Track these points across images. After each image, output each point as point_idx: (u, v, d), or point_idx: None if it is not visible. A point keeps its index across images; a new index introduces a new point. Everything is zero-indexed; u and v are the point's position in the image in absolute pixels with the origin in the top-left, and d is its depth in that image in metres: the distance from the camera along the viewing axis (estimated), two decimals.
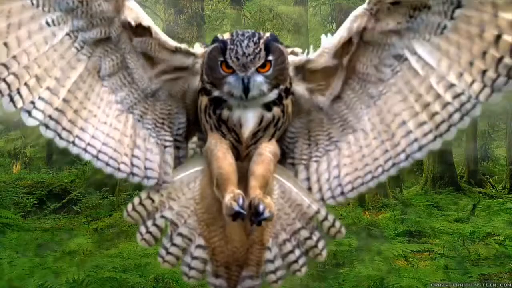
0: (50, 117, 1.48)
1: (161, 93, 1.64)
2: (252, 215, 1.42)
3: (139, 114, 1.62)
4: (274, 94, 1.51)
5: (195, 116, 1.64)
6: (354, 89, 1.60)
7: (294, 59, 1.59)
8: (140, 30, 1.55)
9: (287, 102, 1.55)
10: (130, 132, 1.60)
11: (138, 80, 1.61)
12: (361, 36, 1.53)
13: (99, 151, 1.55)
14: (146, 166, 1.60)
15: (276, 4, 11.76)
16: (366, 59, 1.56)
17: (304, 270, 1.63)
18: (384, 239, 6.59)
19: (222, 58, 1.46)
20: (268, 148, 1.57)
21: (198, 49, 1.61)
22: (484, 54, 1.40)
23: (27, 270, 4.70)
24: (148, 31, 1.55)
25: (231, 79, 1.47)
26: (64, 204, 8.73)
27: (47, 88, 1.48)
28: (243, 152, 1.58)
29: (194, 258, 1.62)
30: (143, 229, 1.62)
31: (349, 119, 1.61)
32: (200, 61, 1.58)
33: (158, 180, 1.60)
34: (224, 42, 1.47)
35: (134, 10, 1.53)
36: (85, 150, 1.54)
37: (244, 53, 1.43)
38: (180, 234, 1.62)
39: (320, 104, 1.63)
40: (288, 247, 1.62)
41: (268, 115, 1.53)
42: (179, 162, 1.68)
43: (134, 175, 1.59)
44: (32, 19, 1.45)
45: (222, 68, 1.48)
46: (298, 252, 1.62)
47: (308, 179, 1.66)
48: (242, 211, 1.41)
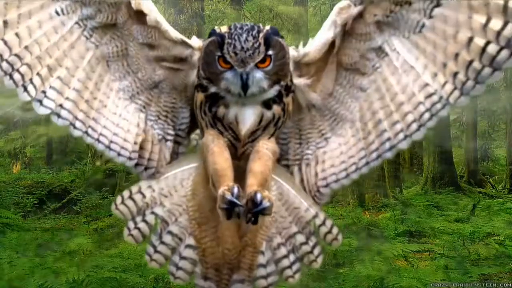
0: (62, 106, 1.50)
1: (164, 85, 1.62)
2: (249, 209, 1.34)
3: (141, 104, 1.62)
4: (274, 91, 1.46)
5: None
6: (341, 84, 1.59)
7: (294, 53, 1.55)
8: (143, 17, 1.54)
9: (288, 100, 1.50)
10: (137, 122, 1.60)
11: (140, 69, 1.60)
12: (344, 28, 1.53)
13: (111, 141, 1.56)
14: (149, 157, 1.59)
15: (276, 4, 11.77)
16: (350, 50, 1.55)
17: (297, 276, 1.57)
18: (384, 239, 6.59)
19: (219, 53, 1.40)
20: (266, 146, 1.51)
21: (195, 41, 1.58)
22: (456, 56, 1.41)
23: (27, 270, 4.71)
24: (152, 20, 1.54)
25: (229, 75, 1.41)
26: (64, 204, 8.75)
27: (58, 78, 1.49)
28: (239, 150, 1.53)
29: (182, 258, 1.57)
30: (131, 224, 1.57)
31: (341, 112, 1.60)
32: (197, 54, 1.55)
33: (155, 173, 1.60)
34: (221, 36, 1.40)
35: None
36: (98, 140, 1.55)
37: (242, 47, 1.36)
38: (170, 233, 1.57)
39: (312, 101, 1.61)
40: (283, 251, 1.57)
41: (268, 114, 1.48)
42: (176, 158, 1.66)
43: (138, 165, 1.59)
44: (41, 9, 1.46)
45: (219, 63, 1.41)
46: (292, 257, 1.57)
47: (302, 180, 1.62)
48: (236, 201, 1.33)
